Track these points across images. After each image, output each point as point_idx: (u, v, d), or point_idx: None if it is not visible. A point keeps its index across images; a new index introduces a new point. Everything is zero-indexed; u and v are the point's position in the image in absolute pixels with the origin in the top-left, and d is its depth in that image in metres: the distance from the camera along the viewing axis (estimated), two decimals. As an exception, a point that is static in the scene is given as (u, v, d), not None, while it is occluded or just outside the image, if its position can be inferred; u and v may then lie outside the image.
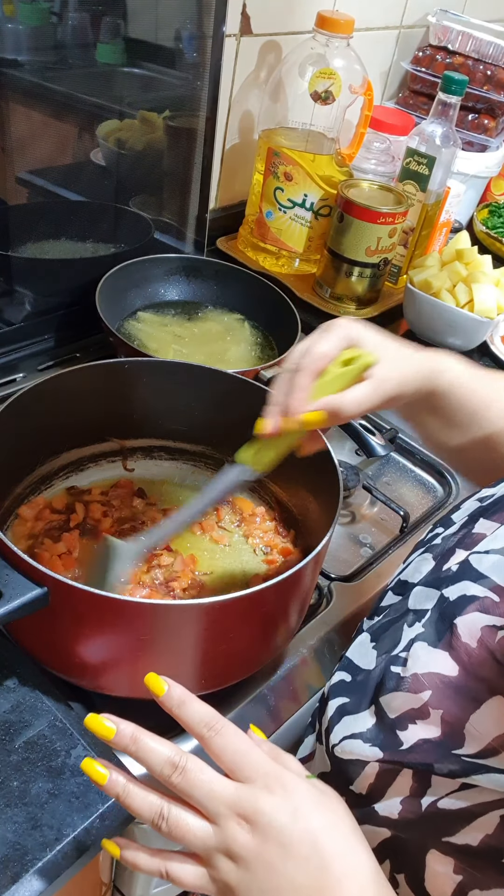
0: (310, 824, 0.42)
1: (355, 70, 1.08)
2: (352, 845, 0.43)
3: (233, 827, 0.42)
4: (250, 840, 0.41)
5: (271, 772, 0.43)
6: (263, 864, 0.41)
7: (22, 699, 0.61)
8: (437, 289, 1.08)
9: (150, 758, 0.43)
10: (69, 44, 0.85)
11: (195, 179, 1.07)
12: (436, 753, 0.44)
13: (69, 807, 0.55)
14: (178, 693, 0.45)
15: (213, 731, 0.44)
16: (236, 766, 0.43)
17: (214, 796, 0.42)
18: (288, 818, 0.42)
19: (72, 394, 0.73)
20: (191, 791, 0.42)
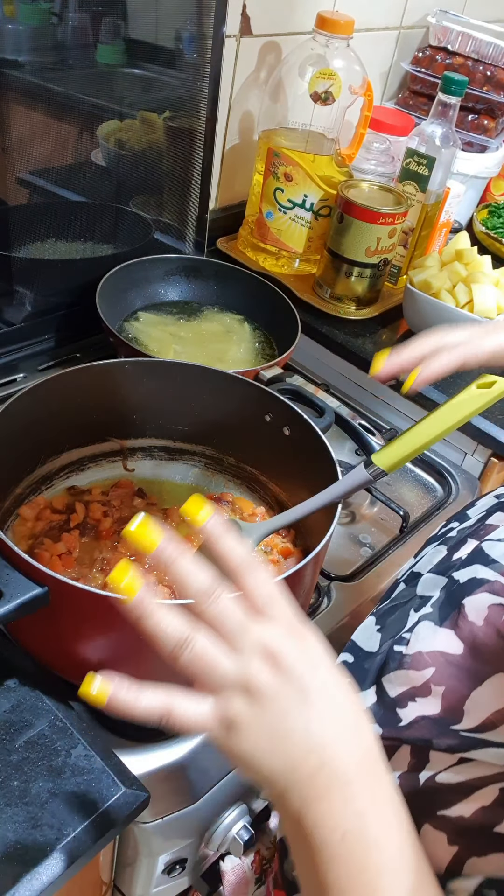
0: (329, 679, 0.41)
1: (355, 70, 1.08)
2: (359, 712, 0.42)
3: (257, 662, 0.41)
4: (272, 679, 0.40)
5: (296, 621, 0.43)
6: (279, 706, 0.40)
7: (22, 699, 0.61)
8: (437, 289, 1.08)
9: (187, 579, 0.42)
10: (69, 44, 0.85)
11: (195, 180, 1.07)
12: (434, 729, 0.45)
13: (69, 807, 0.55)
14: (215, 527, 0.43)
15: (248, 567, 0.43)
16: (267, 605, 0.42)
17: (244, 629, 0.41)
18: (309, 667, 0.41)
19: (72, 394, 0.73)
20: (222, 619, 0.41)
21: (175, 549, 0.42)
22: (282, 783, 0.40)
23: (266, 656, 0.41)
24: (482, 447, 1.02)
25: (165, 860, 0.67)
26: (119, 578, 0.41)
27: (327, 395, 0.96)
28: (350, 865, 0.39)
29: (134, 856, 0.67)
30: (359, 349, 1.09)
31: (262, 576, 0.43)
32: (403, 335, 1.15)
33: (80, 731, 0.60)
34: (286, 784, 0.40)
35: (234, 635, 0.41)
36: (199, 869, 0.72)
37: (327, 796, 0.39)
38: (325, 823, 0.39)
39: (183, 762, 0.62)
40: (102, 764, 0.58)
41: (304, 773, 0.40)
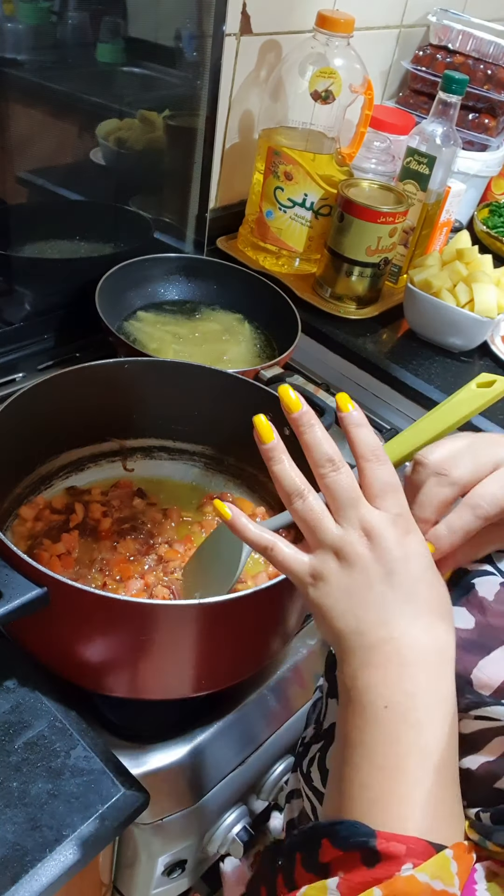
0: (417, 573, 0.44)
1: (355, 69, 1.07)
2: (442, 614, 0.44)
3: (357, 533, 0.44)
4: (367, 552, 0.44)
5: (406, 516, 0.45)
6: (366, 577, 0.43)
7: (22, 699, 0.61)
8: (438, 288, 1.08)
9: (317, 445, 0.46)
10: (69, 43, 0.85)
11: (195, 179, 1.07)
12: None
13: (69, 807, 0.55)
14: (358, 416, 0.47)
15: (377, 458, 0.46)
16: (382, 495, 0.45)
17: (354, 504, 0.45)
18: (402, 556, 0.44)
19: (72, 394, 0.73)
20: (336, 488, 0.45)
21: (312, 417, 0.47)
22: (349, 642, 0.43)
23: (366, 532, 0.44)
24: (483, 447, 1.02)
25: (165, 861, 0.66)
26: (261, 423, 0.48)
27: (327, 395, 0.95)
28: (385, 734, 0.41)
29: (134, 857, 0.66)
30: (359, 349, 1.09)
31: (386, 468, 0.46)
32: (404, 335, 1.15)
33: (80, 732, 0.60)
34: (351, 644, 0.43)
35: (344, 506, 0.45)
36: (200, 870, 0.72)
37: (384, 667, 0.42)
38: (374, 690, 0.42)
39: (183, 763, 0.62)
40: (102, 765, 0.58)
41: (370, 639, 0.43)
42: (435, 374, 1.07)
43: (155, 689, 0.61)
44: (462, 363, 1.10)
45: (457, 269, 1.09)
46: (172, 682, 0.61)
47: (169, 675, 0.61)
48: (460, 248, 1.12)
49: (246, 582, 0.71)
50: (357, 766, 0.41)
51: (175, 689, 0.62)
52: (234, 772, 0.66)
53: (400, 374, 1.06)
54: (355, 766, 0.41)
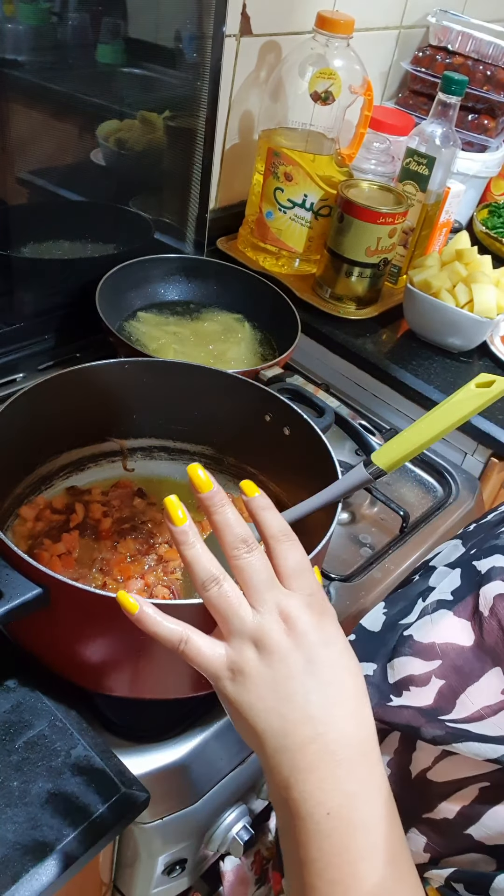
0: (337, 659, 0.43)
1: (355, 70, 1.08)
2: (363, 698, 0.43)
3: (274, 620, 0.42)
4: (285, 640, 0.42)
5: (320, 596, 0.44)
6: (287, 668, 0.42)
7: (22, 699, 0.61)
8: (437, 289, 1.08)
9: (229, 526, 0.44)
10: (69, 44, 0.85)
11: (195, 179, 1.07)
12: (422, 718, 0.45)
13: (69, 807, 0.55)
14: (264, 501, 0.46)
15: (286, 538, 0.45)
16: (295, 574, 0.44)
17: (270, 586, 0.43)
18: (321, 641, 0.42)
19: (72, 394, 0.73)
20: (250, 572, 0.43)
21: (224, 498, 0.45)
22: (272, 744, 0.41)
23: (283, 618, 0.42)
24: (482, 447, 1.02)
25: (165, 861, 0.66)
26: (172, 505, 0.46)
27: (327, 395, 0.95)
28: (332, 844, 0.39)
29: (134, 856, 0.66)
30: (359, 349, 1.09)
31: (296, 548, 0.45)
32: (404, 335, 1.15)
33: (80, 732, 0.60)
34: (276, 746, 0.41)
35: (259, 590, 0.43)
36: (199, 869, 0.72)
37: (317, 769, 0.40)
38: (312, 797, 0.39)
39: (183, 763, 0.62)
40: (102, 764, 0.58)
41: (296, 739, 0.40)
42: (434, 375, 1.07)
43: (155, 689, 0.62)
44: (461, 363, 1.10)
45: (456, 270, 1.10)
46: (172, 681, 0.62)
47: (169, 674, 0.61)
48: (460, 249, 1.13)
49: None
50: (312, 886, 0.40)
51: (175, 689, 0.62)
52: (234, 771, 0.66)
53: (399, 375, 1.06)
54: (310, 887, 0.40)
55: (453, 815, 0.43)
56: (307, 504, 0.62)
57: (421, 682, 0.47)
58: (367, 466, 0.58)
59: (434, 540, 0.87)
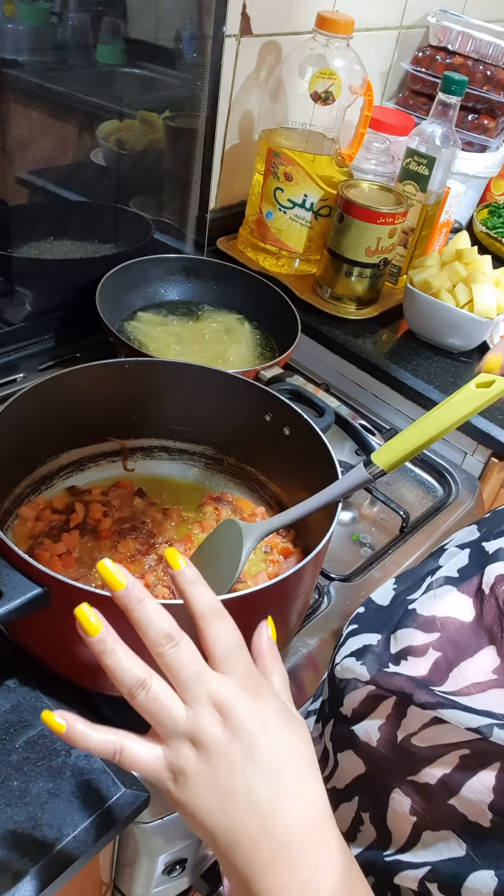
0: (276, 739, 0.42)
1: (355, 70, 1.08)
2: (308, 773, 0.43)
3: (207, 715, 0.41)
4: (220, 733, 0.41)
5: (254, 675, 0.43)
6: (226, 762, 0.41)
7: (22, 699, 0.61)
8: (437, 289, 1.08)
9: (149, 622, 0.42)
10: (69, 44, 0.85)
11: (195, 179, 1.07)
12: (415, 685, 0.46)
13: (69, 807, 0.55)
14: (191, 574, 0.44)
15: (215, 616, 0.43)
16: (226, 658, 0.43)
17: (199, 679, 0.42)
18: (259, 725, 0.42)
19: (72, 394, 0.73)
20: (178, 667, 0.42)
21: (140, 591, 0.43)
22: (223, 842, 0.40)
23: (217, 709, 0.41)
24: (482, 447, 1.02)
25: (165, 860, 0.67)
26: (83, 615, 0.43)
27: (327, 395, 0.95)
28: None
29: (134, 856, 0.67)
30: (359, 349, 1.09)
31: (226, 626, 0.43)
32: (403, 335, 1.15)
33: (80, 732, 0.60)
34: (228, 843, 0.40)
35: (189, 685, 0.42)
36: (200, 869, 0.72)
37: (272, 865, 0.40)
38: (271, 891, 0.39)
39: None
40: (102, 764, 0.58)
41: (246, 835, 0.40)
42: (434, 375, 1.07)
43: (155, 689, 0.62)
44: (461, 363, 1.10)
45: (456, 270, 1.10)
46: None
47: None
48: (460, 249, 1.13)
49: (246, 582, 0.71)
50: None
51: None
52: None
53: (399, 375, 1.06)
54: None
55: (435, 780, 0.44)
56: (307, 504, 0.62)
57: (419, 653, 0.48)
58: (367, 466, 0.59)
59: (434, 540, 0.87)
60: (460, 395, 0.55)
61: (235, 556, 0.63)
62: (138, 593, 0.43)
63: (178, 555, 0.45)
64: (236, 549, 0.63)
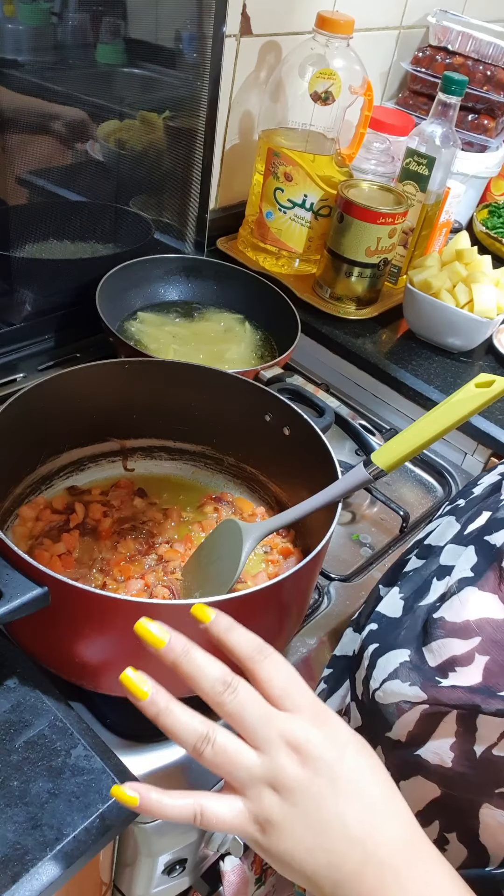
0: (356, 764, 0.41)
1: (355, 70, 1.08)
2: (393, 792, 0.42)
3: (283, 756, 0.39)
4: (301, 772, 0.39)
5: (319, 705, 0.42)
6: (312, 799, 0.39)
7: (22, 699, 0.61)
8: (437, 289, 1.08)
9: (203, 673, 0.41)
10: (69, 44, 0.85)
11: (195, 180, 1.07)
12: (478, 695, 0.44)
13: (69, 807, 0.55)
14: (224, 621, 0.43)
15: (263, 655, 0.42)
16: (287, 695, 0.41)
17: (267, 722, 0.40)
18: (336, 754, 0.40)
19: (72, 394, 0.73)
20: (242, 713, 0.40)
21: (185, 643, 0.41)
22: (329, 882, 0.39)
23: (292, 748, 0.40)
24: (482, 447, 1.02)
25: (165, 860, 0.66)
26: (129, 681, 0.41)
27: (327, 395, 0.95)
28: None
29: (134, 856, 0.66)
30: (359, 349, 1.09)
31: (277, 663, 0.42)
32: (403, 335, 1.15)
33: (80, 732, 0.60)
34: (333, 882, 0.39)
35: (256, 729, 0.40)
36: (200, 869, 0.72)
37: (382, 888, 0.38)
38: None
39: (183, 762, 0.62)
40: (102, 764, 0.58)
41: (350, 868, 0.39)
42: (434, 375, 1.07)
43: (155, 689, 0.61)
44: (461, 363, 1.10)
45: (456, 270, 1.10)
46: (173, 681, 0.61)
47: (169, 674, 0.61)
48: (460, 249, 1.13)
49: (246, 581, 0.71)
50: None
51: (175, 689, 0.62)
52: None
53: (399, 375, 1.06)
54: None
55: None
56: (307, 504, 0.62)
57: (465, 662, 0.46)
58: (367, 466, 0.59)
59: (434, 540, 0.87)
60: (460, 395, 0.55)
61: (235, 556, 0.63)
62: (183, 645, 0.42)
63: (206, 608, 0.43)
64: (236, 549, 0.63)
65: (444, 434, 0.56)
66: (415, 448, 0.57)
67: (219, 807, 0.40)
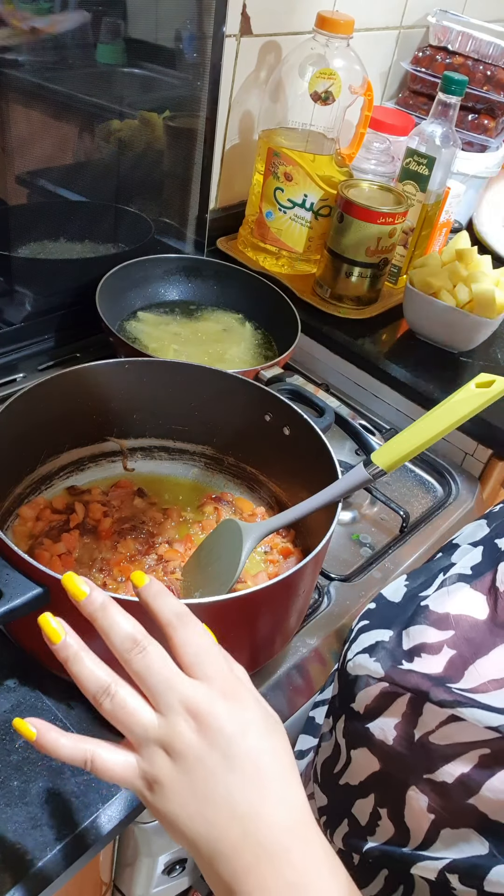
0: (258, 744, 0.41)
1: (355, 70, 1.08)
2: (289, 777, 0.42)
3: (181, 722, 0.40)
4: (196, 740, 0.40)
5: (230, 678, 0.42)
6: (203, 769, 0.40)
7: (22, 699, 0.61)
8: (438, 289, 1.08)
9: (114, 629, 0.42)
10: (69, 44, 0.85)
11: (195, 179, 1.07)
12: (431, 683, 0.45)
13: (69, 807, 0.55)
14: (156, 586, 0.44)
15: (182, 622, 0.43)
16: (198, 662, 0.42)
17: (170, 686, 0.41)
18: (237, 729, 0.41)
19: (72, 394, 0.73)
20: (147, 674, 0.41)
21: (104, 599, 0.43)
22: (205, 851, 0.40)
23: (192, 715, 0.40)
24: (482, 447, 1.02)
25: (165, 860, 0.67)
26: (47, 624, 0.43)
27: (327, 395, 0.95)
28: None
29: (134, 856, 0.67)
30: (359, 349, 1.09)
31: (194, 630, 0.43)
32: (403, 335, 1.15)
33: (80, 732, 0.60)
34: (211, 852, 0.40)
35: (160, 691, 0.41)
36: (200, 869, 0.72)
37: (255, 869, 0.39)
38: None
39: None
40: (102, 764, 0.58)
41: (228, 843, 0.39)
42: (434, 375, 1.07)
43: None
44: (461, 363, 1.10)
45: (456, 270, 1.10)
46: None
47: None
48: (460, 249, 1.13)
49: (246, 581, 0.71)
50: None
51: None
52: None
53: (399, 374, 1.06)
54: None
55: (452, 779, 0.43)
56: (307, 504, 0.62)
57: (433, 651, 0.47)
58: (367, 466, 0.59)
59: (434, 540, 0.87)
60: (460, 395, 0.55)
61: (235, 556, 0.63)
62: (103, 601, 0.43)
63: (143, 574, 0.45)
64: (236, 549, 0.63)
65: (444, 434, 0.56)
66: (415, 448, 0.57)
67: (111, 757, 0.41)
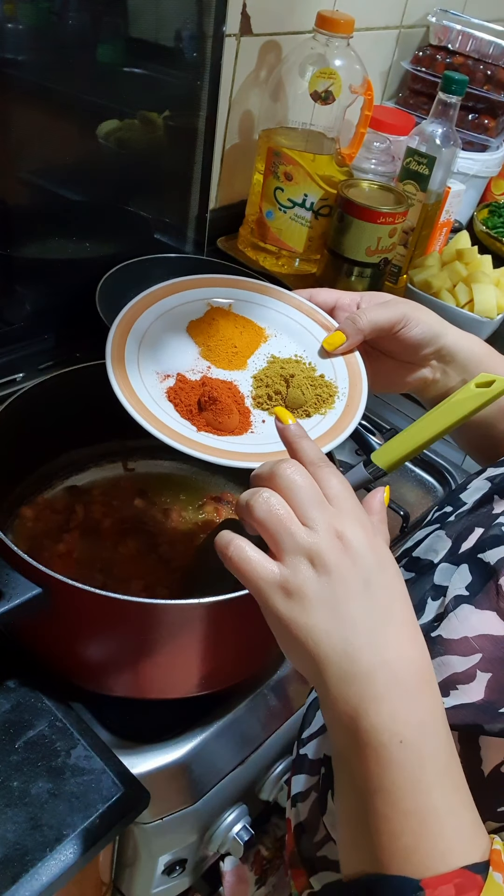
0: (394, 582, 0.41)
1: (355, 70, 1.08)
2: (416, 624, 0.42)
3: (329, 539, 0.40)
4: (343, 558, 0.40)
5: (367, 520, 0.43)
6: (346, 588, 0.40)
7: (22, 699, 0.61)
8: (437, 289, 1.08)
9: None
10: (69, 44, 0.85)
11: (195, 179, 1.07)
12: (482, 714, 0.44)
13: (69, 807, 0.55)
14: (298, 429, 0.46)
15: (325, 463, 0.44)
16: (339, 497, 0.42)
17: (321, 504, 0.42)
18: (377, 563, 0.41)
19: (72, 394, 0.73)
20: (297, 487, 0.42)
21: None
22: (336, 671, 0.39)
23: (338, 536, 0.41)
24: (482, 447, 1.02)
25: (165, 861, 0.67)
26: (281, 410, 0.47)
27: (327, 394, 0.95)
28: (405, 774, 0.38)
29: (134, 856, 0.67)
30: (359, 349, 1.09)
31: (336, 475, 0.44)
32: (404, 335, 1.15)
33: (80, 732, 0.60)
34: (341, 674, 0.39)
35: (310, 506, 0.41)
36: (200, 869, 0.72)
37: (388, 699, 0.38)
38: (385, 727, 0.38)
39: (183, 762, 0.62)
40: (102, 764, 0.58)
41: (362, 666, 0.39)
42: (435, 375, 1.06)
43: (155, 689, 0.62)
44: (462, 363, 1.10)
45: (456, 270, 1.10)
46: (172, 681, 0.62)
47: (169, 674, 0.61)
48: (460, 249, 1.13)
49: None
50: (384, 816, 0.38)
51: (175, 689, 0.62)
52: (234, 771, 0.66)
53: (400, 375, 1.06)
54: (382, 817, 0.38)
55: None
56: None
57: (466, 679, 0.46)
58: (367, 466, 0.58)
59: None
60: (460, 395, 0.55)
61: None
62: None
63: (288, 413, 0.47)
64: None
65: (444, 434, 0.56)
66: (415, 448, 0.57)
67: (254, 553, 0.41)
